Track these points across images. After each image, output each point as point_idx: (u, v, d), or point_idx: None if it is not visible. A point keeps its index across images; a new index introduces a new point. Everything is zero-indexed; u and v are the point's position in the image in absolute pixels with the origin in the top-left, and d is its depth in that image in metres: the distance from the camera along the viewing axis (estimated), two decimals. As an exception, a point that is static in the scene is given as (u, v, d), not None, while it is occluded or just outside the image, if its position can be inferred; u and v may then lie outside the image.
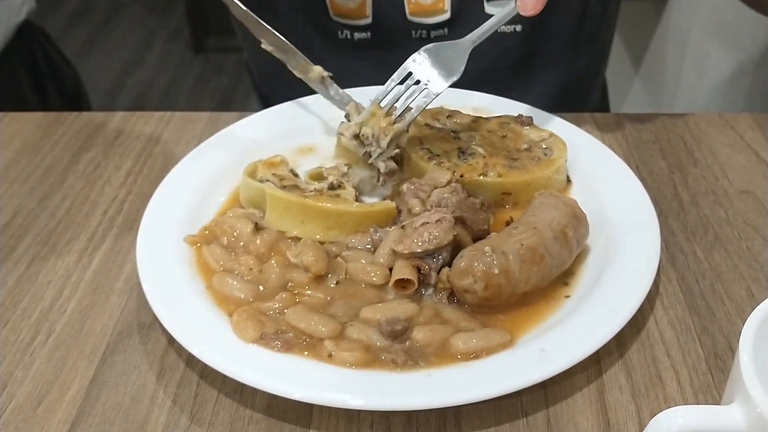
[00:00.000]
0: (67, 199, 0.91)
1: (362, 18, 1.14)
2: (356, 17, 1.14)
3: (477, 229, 0.78)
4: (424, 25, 1.15)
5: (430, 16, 1.13)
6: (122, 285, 0.78)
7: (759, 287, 0.77)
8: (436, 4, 1.12)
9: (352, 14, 1.14)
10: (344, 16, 1.14)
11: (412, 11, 1.13)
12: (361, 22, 1.15)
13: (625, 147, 0.97)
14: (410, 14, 1.13)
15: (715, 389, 0.67)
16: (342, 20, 1.15)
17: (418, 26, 1.15)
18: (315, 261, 0.74)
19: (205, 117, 1.05)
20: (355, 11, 1.13)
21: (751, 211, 0.86)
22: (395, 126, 0.85)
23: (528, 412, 0.65)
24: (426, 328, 0.69)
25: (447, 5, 1.12)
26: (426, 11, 1.13)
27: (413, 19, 1.14)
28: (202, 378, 0.68)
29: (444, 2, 1.12)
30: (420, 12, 1.13)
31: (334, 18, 1.15)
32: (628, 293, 0.71)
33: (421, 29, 1.15)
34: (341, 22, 1.15)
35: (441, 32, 1.15)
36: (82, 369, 0.70)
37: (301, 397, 0.63)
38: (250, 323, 0.69)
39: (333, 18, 1.15)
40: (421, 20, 1.14)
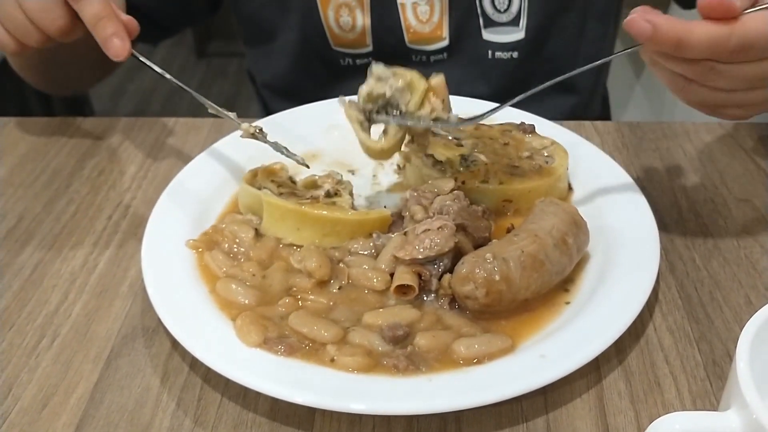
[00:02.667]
0: (72, 204, 0.92)
1: (363, 47, 1.16)
2: (357, 47, 1.16)
3: (478, 236, 0.79)
4: (424, 52, 1.16)
5: (429, 44, 1.15)
6: (127, 289, 0.79)
7: (757, 295, 0.77)
8: (434, 32, 1.14)
9: (352, 44, 1.16)
10: (345, 46, 1.16)
11: (411, 39, 1.14)
12: (362, 51, 1.16)
13: (625, 155, 0.98)
14: (409, 42, 1.15)
15: (713, 395, 0.67)
16: (343, 50, 1.16)
17: (418, 52, 1.16)
18: (318, 267, 0.75)
19: (209, 123, 1.05)
20: (355, 41, 1.15)
21: (749, 219, 0.87)
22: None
23: (528, 417, 0.66)
24: (428, 334, 0.70)
25: (445, 33, 1.13)
26: (425, 39, 1.15)
27: (413, 46, 1.15)
28: (206, 382, 0.69)
29: (442, 30, 1.13)
30: (419, 40, 1.14)
31: (336, 48, 1.16)
32: (628, 300, 0.72)
33: (421, 55, 1.17)
34: (343, 51, 1.16)
35: (440, 57, 1.17)
36: (87, 372, 0.71)
37: (304, 401, 0.64)
38: (254, 328, 0.69)
39: (334, 48, 1.16)
40: (421, 47, 1.16)
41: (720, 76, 0.69)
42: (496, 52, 1.15)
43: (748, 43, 0.66)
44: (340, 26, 1.13)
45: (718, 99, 0.73)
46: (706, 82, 0.70)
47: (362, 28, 1.13)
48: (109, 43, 0.82)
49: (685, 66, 0.69)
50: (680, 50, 0.66)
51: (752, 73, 0.69)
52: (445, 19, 1.12)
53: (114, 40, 0.82)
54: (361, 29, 1.13)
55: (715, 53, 0.67)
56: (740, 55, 0.67)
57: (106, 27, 0.82)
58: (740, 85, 0.71)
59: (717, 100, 0.73)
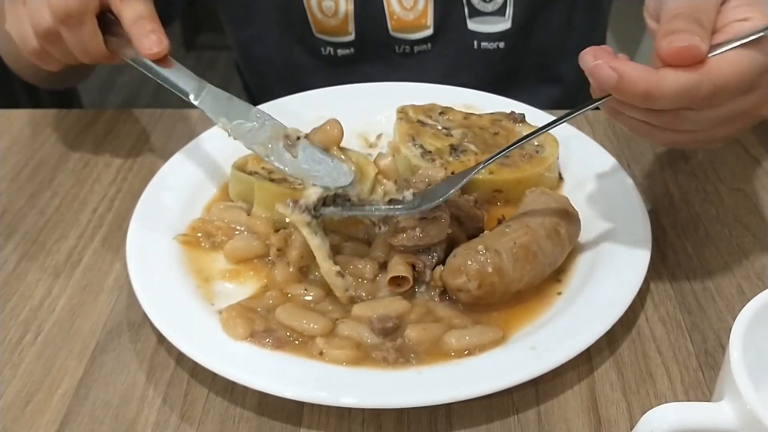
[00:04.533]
0: (56, 197, 0.90)
1: (345, 35, 1.14)
2: (339, 34, 1.14)
3: (471, 226, 0.78)
4: (407, 41, 1.15)
5: (412, 32, 1.13)
6: (112, 283, 0.78)
7: (749, 284, 0.77)
8: (418, 20, 1.12)
9: (334, 31, 1.14)
10: (327, 33, 1.15)
11: (394, 27, 1.13)
12: (344, 39, 1.15)
13: (616, 144, 0.97)
14: (393, 30, 1.13)
15: (706, 386, 0.67)
16: (325, 37, 1.15)
17: (402, 42, 1.15)
18: (300, 257, 0.75)
19: (195, 114, 1.04)
20: (337, 28, 1.13)
21: (741, 208, 0.86)
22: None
23: (519, 409, 0.65)
24: (419, 327, 0.69)
25: (429, 21, 1.12)
26: (409, 27, 1.13)
27: (396, 35, 1.14)
28: (193, 376, 0.68)
29: (426, 18, 1.12)
30: (403, 28, 1.13)
31: (317, 35, 1.15)
32: (619, 291, 0.71)
33: (404, 44, 1.15)
34: (324, 39, 1.15)
35: (424, 47, 1.15)
36: (72, 368, 0.69)
37: (292, 395, 0.63)
38: (240, 321, 0.68)
39: (316, 35, 1.15)
40: (404, 36, 1.14)
41: (687, 121, 0.65)
42: (482, 43, 1.14)
43: (720, 88, 0.61)
44: (323, 11, 1.12)
45: (683, 139, 0.68)
46: (671, 126, 0.66)
47: (345, 14, 1.11)
48: (147, 37, 0.79)
49: (650, 115, 0.64)
50: (648, 102, 0.61)
51: (721, 114, 0.65)
52: (429, 7, 1.11)
53: (152, 35, 0.79)
54: (344, 15, 1.11)
55: (686, 102, 0.62)
56: (711, 101, 0.62)
57: (146, 24, 0.80)
58: (708, 126, 0.66)
59: (682, 140, 0.69)
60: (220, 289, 0.75)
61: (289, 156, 0.75)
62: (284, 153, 0.75)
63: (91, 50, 0.83)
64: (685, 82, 0.60)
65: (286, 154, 0.75)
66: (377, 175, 0.77)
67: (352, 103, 0.99)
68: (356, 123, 0.97)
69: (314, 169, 0.74)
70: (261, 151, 0.76)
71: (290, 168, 0.75)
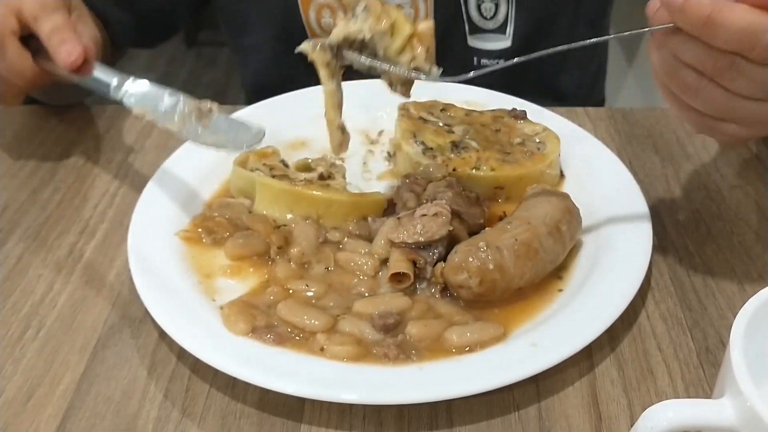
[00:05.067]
0: (57, 193, 0.90)
1: None
2: None
3: (473, 223, 0.78)
4: None
5: None
6: (113, 279, 0.78)
7: (750, 281, 0.77)
8: None
9: None
10: None
11: None
12: None
13: (618, 141, 0.97)
14: None
15: (706, 383, 0.67)
16: None
17: None
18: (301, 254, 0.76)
19: (197, 110, 1.04)
20: None
21: (742, 205, 0.86)
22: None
23: (520, 405, 0.65)
24: (420, 323, 0.69)
25: None
26: None
27: None
28: (194, 372, 0.68)
29: None
30: None
31: None
32: (620, 287, 0.71)
33: None
34: None
35: None
36: (73, 363, 0.69)
37: (293, 391, 0.63)
38: (241, 317, 0.69)
39: None
40: None
41: (740, 76, 0.60)
42: (482, 59, 1.13)
43: None
44: (322, 27, 1.11)
45: (725, 107, 0.64)
46: (722, 80, 0.61)
47: None
48: (61, 46, 0.81)
49: (704, 56, 0.60)
50: (708, 30, 0.58)
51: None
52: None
53: (66, 44, 0.81)
54: None
55: (745, 45, 0.58)
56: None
57: (60, 35, 0.82)
58: (758, 91, 0.62)
59: (724, 108, 0.65)
60: (221, 285, 0.75)
61: (201, 128, 0.78)
62: (196, 126, 0.78)
63: (20, 70, 0.85)
64: (751, 19, 0.57)
65: (199, 127, 0.78)
66: (412, 37, 0.73)
67: (353, 100, 0.99)
68: (358, 119, 0.97)
69: (224, 134, 0.77)
70: (173, 128, 0.78)
71: (201, 138, 0.77)
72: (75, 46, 0.81)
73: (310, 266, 0.76)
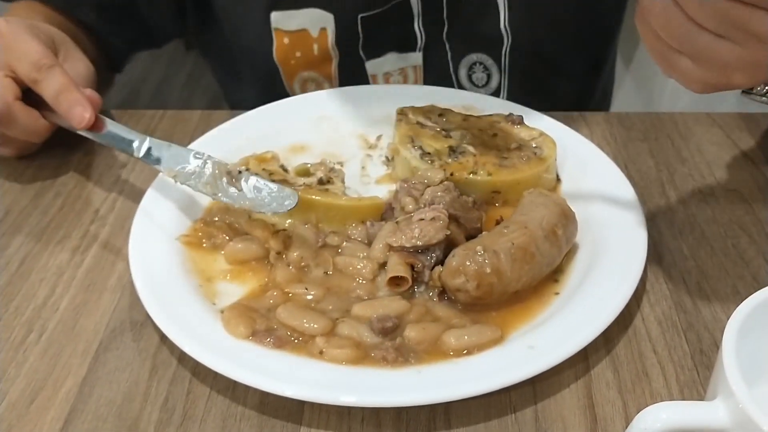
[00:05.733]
0: (59, 197, 0.91)
1: None
2: None
3: (470, 227, 0.79)
4: None
5: None
6: (115, 282, 0.79)
7: (744, 284, 0.78)
8: None
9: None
10: None
11: None
12: None
13: (613, 145, 0.98)
14: None
15: (701, 385, 0.68)
16: None
17: None
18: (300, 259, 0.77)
19: (197, 115, 1.05)
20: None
21: (737, 209, 0.87)
22: None
23: (516, 407, 0.66)
24: (418, 326, 0.70)
25: None
26: None
27: None
28: (195, 375, 0.69)
29: None
30: None
31: None
32: (616, 290, 0.72)
33: None
34: None
35: None
36: (75, 366, 0.70)
37: (293, 394, 0.64)
38: (242, 321, 0.69)
39: None
40: None
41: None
42: None
43: None
44: None
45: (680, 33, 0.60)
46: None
47: None
48: (71, 111, 0.84)
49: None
50: None
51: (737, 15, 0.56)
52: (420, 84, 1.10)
53: (76, 107, 0.84)
54: None
55: None
56: None
57: (67, 98, 0.84)
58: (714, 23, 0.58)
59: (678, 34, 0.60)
60: (221, 289, 0.76)
61: (234, 190, 0.79)
62: (229, 188, 0.80)
63: (34, 131, 0.89)
64: None
65: (231, 189, 0.80)
66: None
67: (351, 105, 1.00)
68: (356, 124, 0.98)
69: (259, 197, 0.78)
70: (209, 191, 0.80)
71: (237, 201, 0.79)
72: (85, 108, 0.84)
73: (309, 270, 0.77)
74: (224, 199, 0.79)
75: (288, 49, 1.08)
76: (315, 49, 1.07)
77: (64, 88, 0.84)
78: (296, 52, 1.08)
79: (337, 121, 0.98)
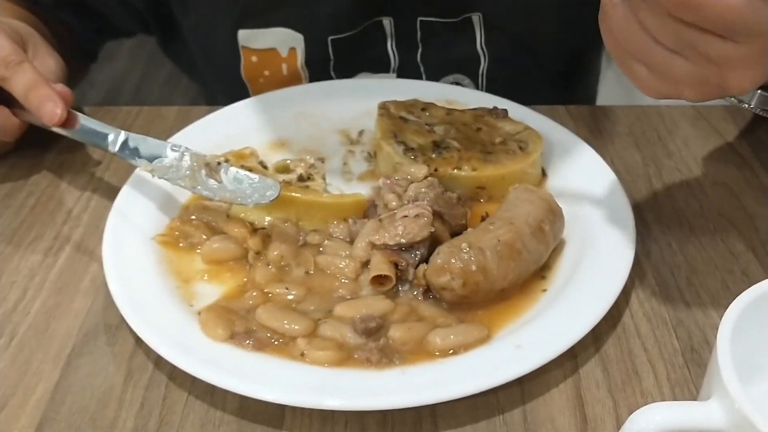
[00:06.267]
0: (31, 197, 0.88)
1: None
2: None
3: (455, 224, 0.77)
4: None
5: None
6: (88, 285, 0.76)
7: (734, 279, 0.76)
8: None
9: None
10: None
11: None
12: None
13: (599, 139, 0.96)
14: None
15: (692, 383, 0.66)
16: None
17: None
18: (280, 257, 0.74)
19: (174, 111, 1.02)
20: None
21: (725, 203, 0.86)
22: None
23: (504, 408, 0.64)
24: (403, 326, 0.68)
25: None
26: None
27: None
28: (171, 380, 0.67)
29: None
30: None
31: None
32: (604, 287, 0.70)
33: None
34: None
35: None
36: (47, 372, 0.68)
37: (274, 398, 0.62)
38: (220, 322, 0.67)
39: None
40: None
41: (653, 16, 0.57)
42: None
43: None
44: None
45: (636, 42, 0.60)
46: (638, 11, 0.58)
47: None
48: (42, 107, 0.80)
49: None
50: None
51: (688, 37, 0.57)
52: None
53: (47, 103, 0.80)
54: None
55: None
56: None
57: (37, 94, 0.81)
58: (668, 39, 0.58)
59: (635, 42, 0.60)
60: (199, 290, 0.73)
61: (214, 182, 0.77)
62: (209, 180, 0.77)
63: (3, 129, 0.86)
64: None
65: (211, 181, 0.77)
66: None
67: (332, 99, 0.98)
68: (337, 119, 0.96)
69: (240, 189, 0.76)
70: (188, 185, 0.78)
71: (218, 193, 0.77)
72: (56, 103, 0.81)
73: (290, 270, 0.75)
74: (204, 192, 0.77)
75: (256, 68, 1.05)
76: (284, 68, 1.05)
77: (34, 84, 0.81)
78: (264, 70, 1.05)
79: (318, 116, 0.96)
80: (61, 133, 0.83)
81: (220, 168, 0.77)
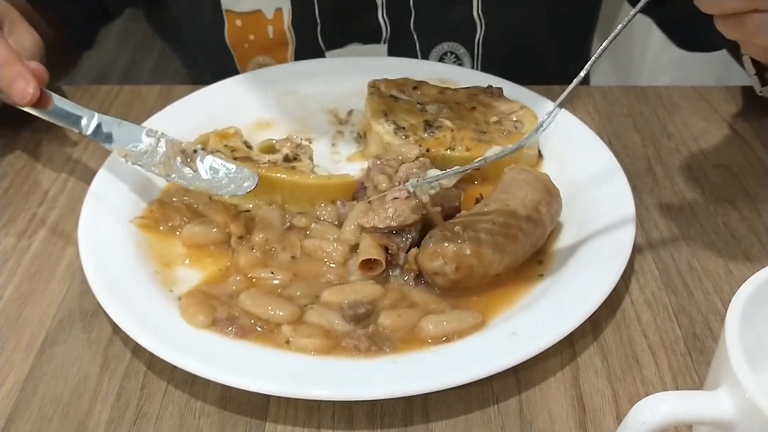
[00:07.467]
0: (5, 179, 0.85)
1: None
2: None
3: (448, 206, 0.74)
4: None
5: None
6: (64, 269, 0.73)
7: (736, 264, 0.74)
8: None
9: None
10: None
11: None
12: None
13: (597, 120, 0.93)
14: None
15: (695, 371, 0.64)
16: None
17: None
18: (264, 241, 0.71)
19: (156, 91, 0.99)
20: None
21: (726, 185, 0.83)
22: None
23: (499, 398, 0.62)
24: (393, 313, 0.65)
25: None
26: None
27: None
28: (150, 369, 0.64)
29: None
30: None
31: None
32: (603, 272, 0.68)
33: None
34: None
35: None
36: (19, 361, 0.64)
37: (257, 388, 0.59)
38: (201, 308, 0.64)
39: None
40: None
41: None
42: None
43: None
44: None
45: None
46: None
47: None
48: (13, 85, 0.76)
49: None
50: None
51: None
52: None
53: (18, 81, 0.76)
54: None
55: None
56: None
57: (9, 71, 0.76)
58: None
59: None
60: (180, 275, 0.71)
61: (189, 171, 0.74)
62: (184, 168, 0.75)
63: None
64: None
65: (186, 169, 0.75)
66: None
67: (321, 78, 0.95)
68: (326, 98, 0.93)
69: (216, 178, 0.74)
70: (162, 172, 0.75)
71: (192, 182, 0.74)
72: (28, 81, 0.76)
73: (275, 254, 0.71)
74: (178, 181, 0.74)
75: (241, 32, 1.01)
76: (270, 31, 1.01)
77: (5, 61, 0.77)
78: (249, 35, 1.02)
79: (306, 95, 0.93)
80: (33, 113, 0.79)
81: (196, 156, 0.75)
